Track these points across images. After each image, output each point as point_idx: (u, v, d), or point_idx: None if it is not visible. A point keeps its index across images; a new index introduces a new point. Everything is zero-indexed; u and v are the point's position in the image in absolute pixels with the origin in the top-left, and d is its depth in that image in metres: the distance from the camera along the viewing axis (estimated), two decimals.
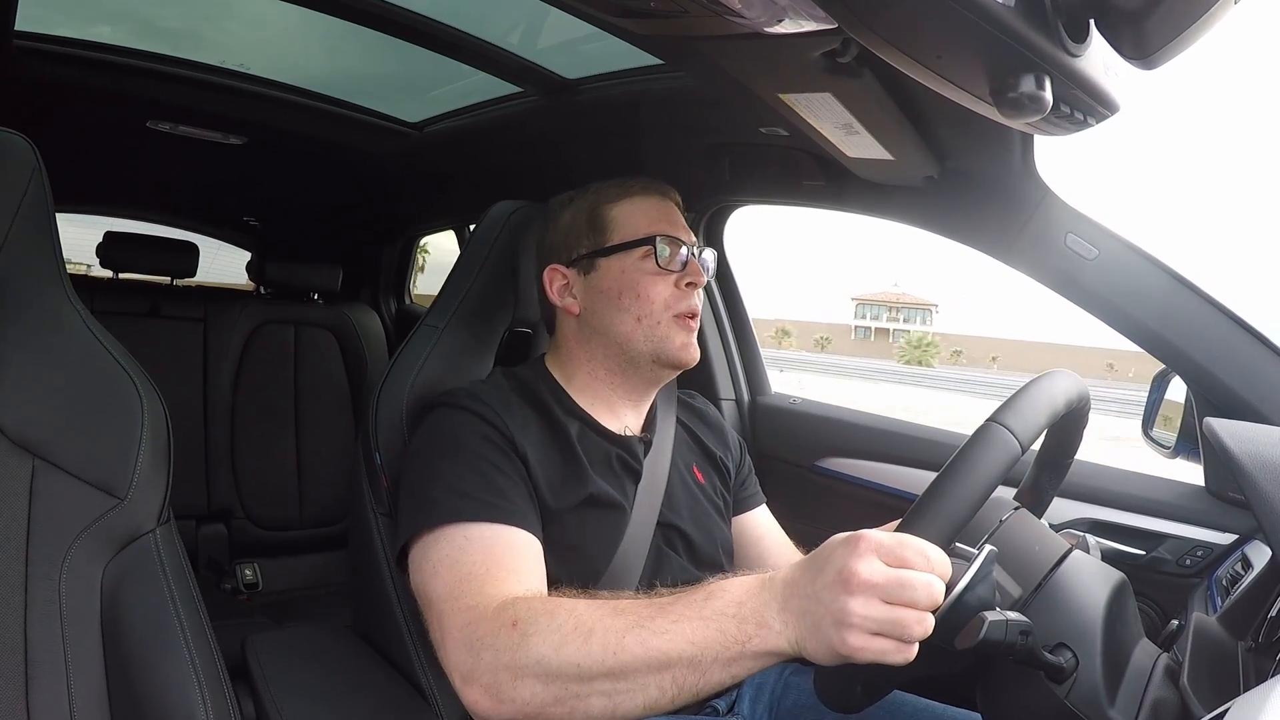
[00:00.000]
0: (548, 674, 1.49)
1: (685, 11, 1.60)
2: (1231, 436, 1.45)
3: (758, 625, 1.40)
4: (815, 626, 1.34)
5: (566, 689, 1.49)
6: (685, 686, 1.44)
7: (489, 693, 1.55)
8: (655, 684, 1.45)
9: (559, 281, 2.20)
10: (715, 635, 1.42)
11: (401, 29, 2.79)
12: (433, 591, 1.75)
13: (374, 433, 2.15)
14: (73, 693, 1.58)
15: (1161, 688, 1.43)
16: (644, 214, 2.16)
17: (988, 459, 1.42)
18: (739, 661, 1.41)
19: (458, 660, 1.61)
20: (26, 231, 1.71)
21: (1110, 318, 2.31)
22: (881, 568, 1.29)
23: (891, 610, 1.27)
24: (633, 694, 1.46)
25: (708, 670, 1.42)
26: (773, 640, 1.39)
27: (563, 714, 1.50)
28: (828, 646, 1.32)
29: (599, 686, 1.47)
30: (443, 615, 1.69)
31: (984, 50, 1.28)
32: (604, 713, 1.48)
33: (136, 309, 4.58)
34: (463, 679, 1.59)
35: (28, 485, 1.60)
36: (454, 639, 1.64)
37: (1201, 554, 2.28)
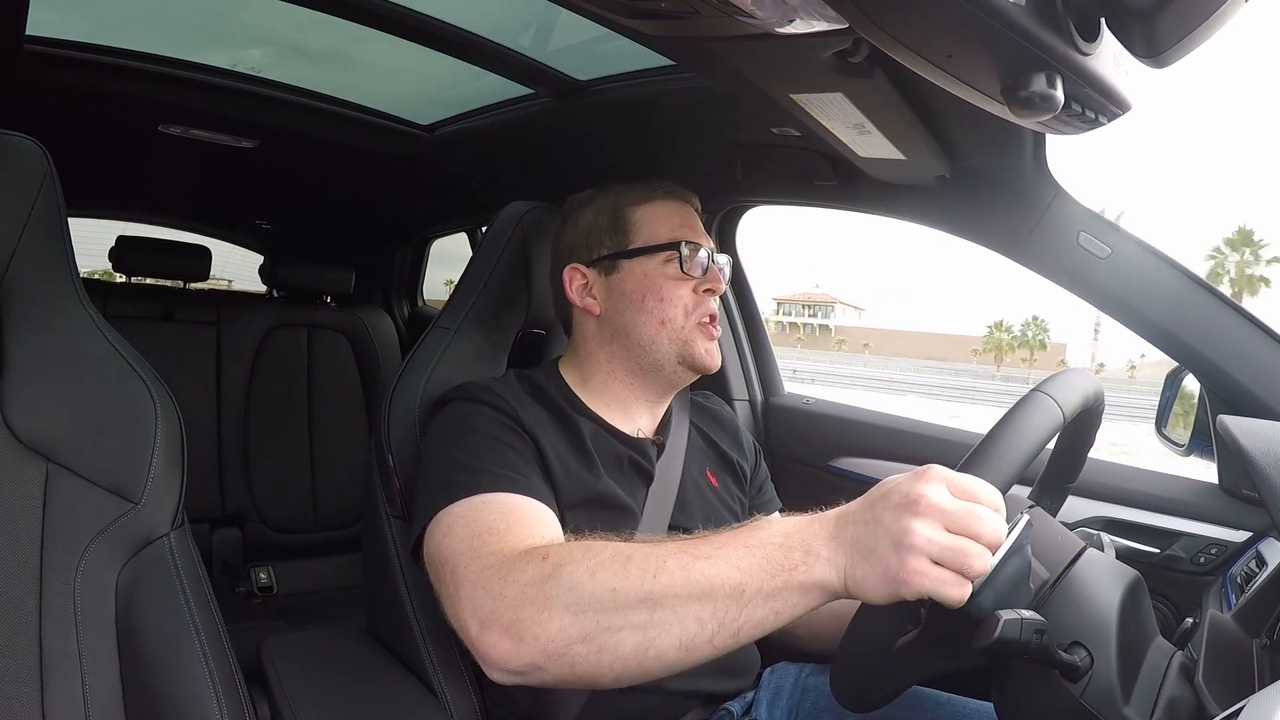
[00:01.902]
0: (579, 603, 1.42)
1: (696, 12, 1.59)
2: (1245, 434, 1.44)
3: (804, 553, 1.35)
4: (870, 551, 1.30)
5: (598, 621, 1.40)
6: (726, 621, 1.36)
7: (510, 631, 1.46)
8: (694, 615, 1.37)
9: (579, 281, 2.20)
10: (760, 562, 1.37)
11: (412, 31, 2.79)
12: (448, 548, 1.70)
13: (387, 435, 2.15)
14: (88, 696, 1.58)
15: (1176, 686, 1.43)
16: (667, 219, 2.18)
17: (1037, 419, 1.48)
18: (783, 594, 1.35)
19: (476, 604, 1.53)
20: (39, 236, 1.72)
21: (1123, 316, 2.31)
22: (948, 494, 1.28)
23: (955, 539, 1.26)
24: (669, 626, 1.38)
25: (750, 602, 1.35)
26: (819, 570, 1.33)
27: (589, 654, 1.41)
28: (883, 572, 1.28)
29: (633, 617, 1.39)
30: (459, 566, 1.63)
31: (995, 49, 1.28)
32: (635, 650, 1.39)
33: (149, 313, 4.59)
34: (480, 624, 1.50)
35: (42, 490, 1.61)
36: (472, 584, 1.57)
37: (1215, 551, 2.28)
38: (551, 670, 1.44)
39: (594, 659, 1.40)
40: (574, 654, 1.41)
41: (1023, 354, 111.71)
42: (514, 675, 1.47)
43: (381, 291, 5.80)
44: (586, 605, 1.41)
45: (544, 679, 1.46)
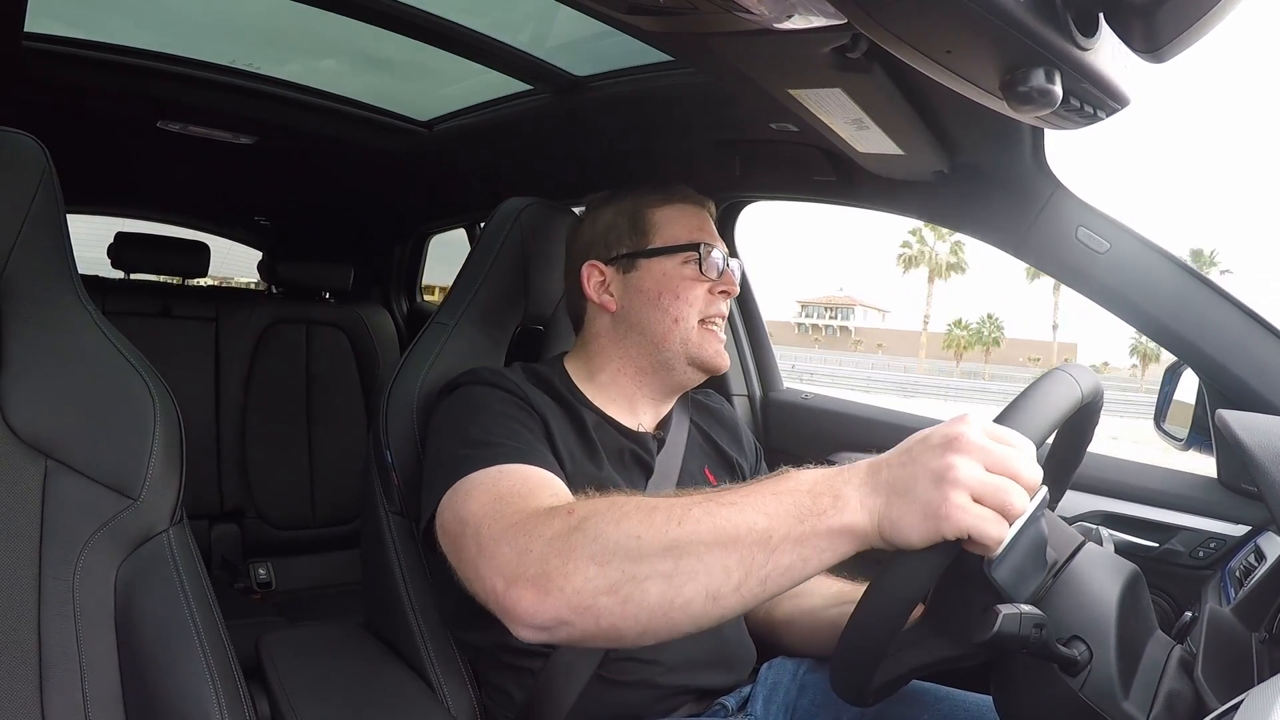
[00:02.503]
0: (604, 553, 1.41)
1: (695, 8, 1.59)
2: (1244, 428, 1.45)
3: (834, 498, 1.33)
4: (909, 489, 1.29)
5: (623, 571, 1.38)
6: (753, 568, 1.34)
7: (536, 585, 1.44)
8: (720, 563, 1.34)
9: (596, 278, 2.23)
10: (788, 508, 1.35)
11: (411, 28, 2.79)
12: (468, 512, 1.68)
13: (385, 431, 2.16)
14: (87, 692, 1.58)
15: (1175, 680, 1.43)
16: (685, 221, 2.22)
17: (1060, 389, 1.49)
18: (811, 540, 1.32)
19: (502, 561, 1.51)
20: (37, 233, 1.72)
21: (1121, 311, 2.31)
22: (987, 436, 1.29)
23: (995, 476, 1.26)
24: (694, 575, 1.35)
25: (778, 548, 1.33)
26: (850, 514, 1.32)
27: (615, 605, 1.39)
28: (923, 508, 1.27)
29: (659, 566, 1.37)
30: (482, 527, 1.62)
31: (994, 45, 1.28)
32: (660, 599, 1.37)
33: (148, 309, 4.61)
34: (506, 581, 1.48)
35: (40, 486, 1.61)
36: (496, 542, 1.55)
37: (1214, 546, 2.28)
38: (578, 625, 1.42)
39: (619, 610, 1.39)
40: (600, 606, 1.39)
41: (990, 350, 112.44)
42: (540, 631, 1.45)
43: (380, 288, 5.80)
44: (611, 554, 1.40)
45: (570, 634, 1.44)
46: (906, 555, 1.32)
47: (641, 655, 1.99)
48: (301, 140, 4.00)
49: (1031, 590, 1.42)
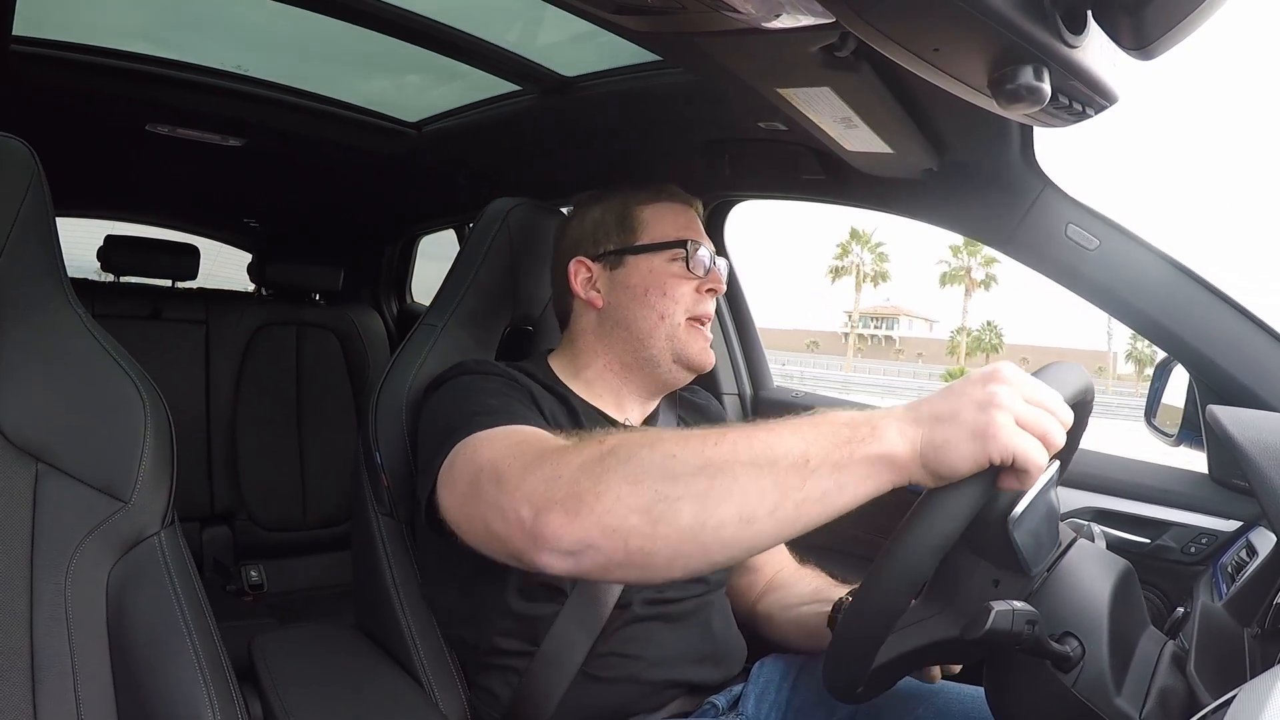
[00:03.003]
0: (637, 472, 1.39)
1: (683, 8, 1.60)
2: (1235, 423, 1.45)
3: (871, 429, 1.33)
4: (954, 415, 1.31)
5: (656, 490, 1.36)
6: (788, 491, 1.32)
7: (565, 507, 1.41)
8: (755, 485, 1.33)
9: (583, 274, 2.24)
10: (826, 435, 1.34)
11: (399, 29, 2.79)
12: (485, 457, 1.67)
13: (374, 432, 2.16)
14: (80, 696, 1.58)
15: (1168, 675, 1.44)
16: (673, 219, 2.24)
17: (1071, 371, 1.49)
18: (849, 467, 1.31)
19: (530, 490, 1.49)
20: (26, 236, 1.72)
21: (1112, 307, 2.32)
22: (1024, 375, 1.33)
23: (1034, 407, 1.30)
24: (729, 495, 1.33)
25: (814, 473, 1.31)
26: (889, 442, 1.32)
27: (646, 525, 1.36)
28: (969, 430, 1.29)
29: (693, 485, 1.35)
30: (503, 466, 1.60)
31: (981, 42, 1.28)
32: (693, 520, 1.34)
33: (138, 312, 4.60)
34: (535, 509, 1.45)
35: (31, 489, 1.61)
36: (523, 474, 1.53)
37: (1206, 541, 2.29)
38: (604, 549, 1.39)
39: (650, 531, 1.36)
40: (630, 527, 1.37)
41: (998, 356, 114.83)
42: (566, 556, 1.43)
43: (370, 289, 5.80)
44: (644, 473, 1.39)
45: (596, 561, 1.41)
46: (943, 491, 1.32)
47: (628, 650, 2.00)
48: (290, 142, 3.99)
49: (1044, 560, 1.44)
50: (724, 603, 2.27)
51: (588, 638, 1.96)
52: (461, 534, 1.72)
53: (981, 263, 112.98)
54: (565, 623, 1.95)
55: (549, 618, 1.96)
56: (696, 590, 2.14)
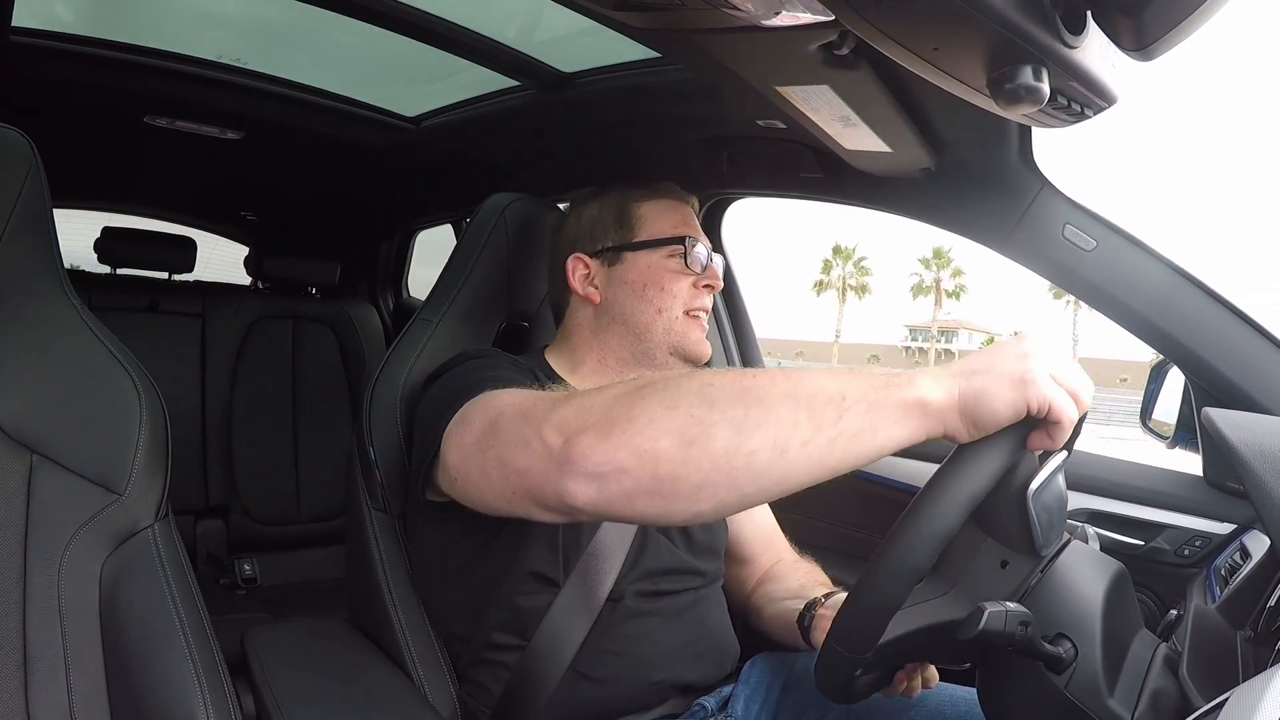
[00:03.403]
0: (674, 397, 1.40)
1: (682, 4, 1.59)
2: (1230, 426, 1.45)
3: (908, 379, 1.36)
4: (991, 366, 1.34)
5: (691, 414, 1.36)
6: (822, 426, 1.33)
7: (598, 430, 1.41)
8: (790, 415, 1.33)
9: (581, 270, 2.24)
10: (862, 379, 1.37)
11: (398, 23, 2.79)
12: (505, 403, 1.68)
13: (368, 428, 2.16)
14: (72, 688, 1.58)
15: (1161, 677, 1.44)
16: (671, 215, 2.24)
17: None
18: (883, 409, 1.34)
19: (561, 419, 1.48)
20: (24, 227, 1.72)
21: (1108, 309, 2.32)
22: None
23: (1067, 365, 1.35)
24: (763, 423, 1.33)
25: (849, 410, 1.33)
26: (924, 390, 1.35)
27: (678, 449, 1.35)
28: (1008, 376, 1.32)
29: (729, 411, 1.35)
30: (528, 406, 1.60)
31: (981, 42, 1.28)
32: (726, 445, 1.34)
33: (134, 304, 4.59)
34: (566, 435, 1.44)
35: (25, 481, 1.61)
36: (551, 407, 1.53)
37: (1200, 544, 2.29)
38: (633, 472, 1.38)
39: (682, 455, 1.35)
40: (662, 449, 1.36)
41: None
42: (592, 479, 1.41)
43: (367, 283, 5.80)
44: (680, 399, 1.39)
45: (621, 487, 1.40)
46: (977, 443, 1.35)
47: (619, 647, 2.00)
48: (289, 136, 3.99)
49: (1054, 543, 1.45)
50: (720, 598, 2.27)
51: (579, 631, 1.95)
52: (464, 488, 1.73)
53: (951, 274, 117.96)
54: (557, 615, 1.95)
55: (540, 610, 1.96)
56: (693, 583, 2.14)
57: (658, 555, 2.09)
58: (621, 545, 2.02)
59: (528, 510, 1.56)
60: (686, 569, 2.13)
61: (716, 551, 2.26)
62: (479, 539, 1.95)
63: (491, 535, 1.96)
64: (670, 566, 2.10)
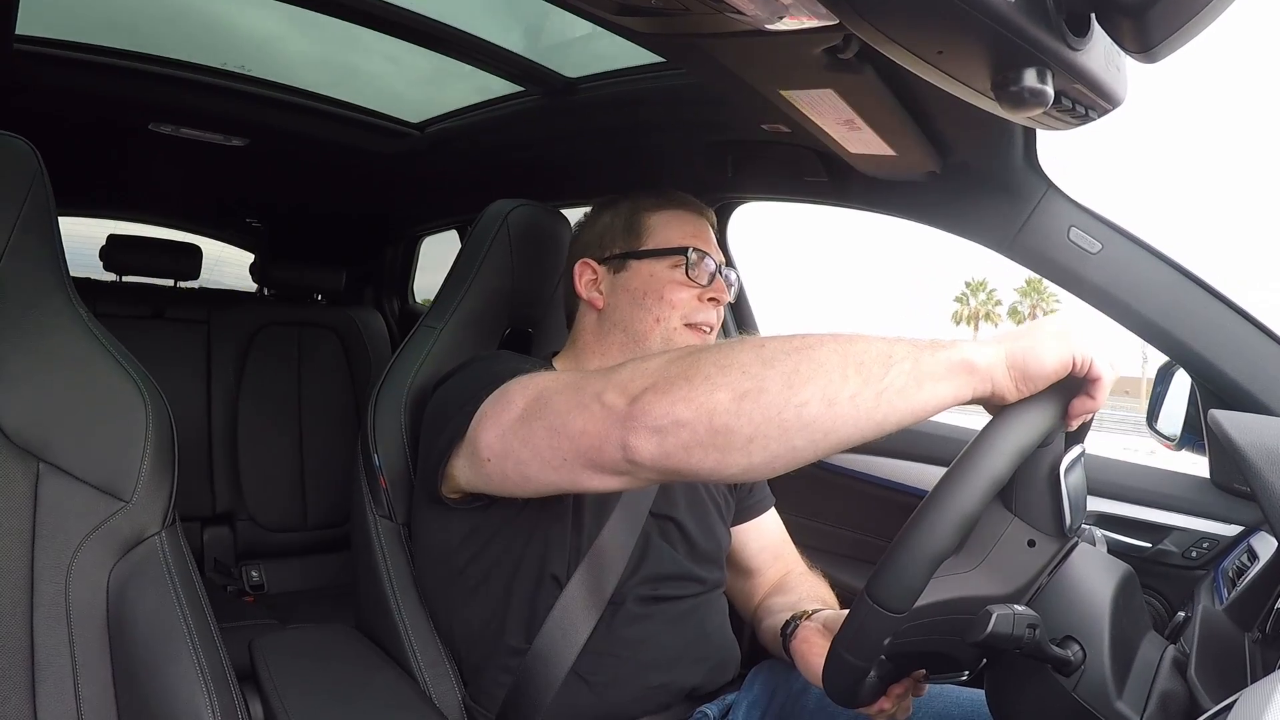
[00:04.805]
0: (727, 358, 1.43)
1: (686, 9, 1.59)
2: (1236, 428, 1.45)
3: (953, 344, 1.39)
4: (1034, 328, 1.39)
5: (745, 370, 1.40)
6: (870, 380, 1.36)
7: (658, 388, 1.45)
8: (839, 369, 1.36)
9: (588, 276, 2.24)
10: (908, 342, 1.40)
11: (403, 29, 2.79)
12: (547, 380, 1.72)
13: (372, 434, 2.17)
14: (80, 695, 1.59)
15: (1169, 679, 1.43)
16: (680, 226, 2.22)
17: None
18: (929, 366, 1.37)
19: (621, 380, 1.53)
20: (29, 235, 1.72)
21: (1114, 311, 2.31)
22: None
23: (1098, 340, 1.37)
24: (813, 375, 1.37)
25: (895, 365, 1.36)
26: (969, 352, 1.38)
27: (732, 402, 1.39)
28: (1054, 332, 1.36)
29: (780, 365, 1.39)
30: (575, 378, 1.64)
31: (985, 45, 1.27)
32: (777, 397, 1.37)
33: (140, 312, 4.58)
34: (629, 395, 1.48)
35: (32, 488, 1.61)
36: (607, 375, 1.57)
37: (1207, 546, 2.29)
38: (690, 425, 1.41)
39: (735, 408, 1.38)
40: (715, 402, 1.39)
41: None
42: (654, 433, 1.44)
43: (372, 289, 5.80)
44: (734, 358, 1.42)
45: (679, 440, 1.43)
46: (1024, 401, 1.37)
47: (621, 650, 2.01)
48: (293, 142, 4.00)
49: (1079, 523, 1.46)
50: (721, 605, 2.28)
51: (581, 634, 1.96)
52: (500, 465, 1.73)
53: (990, 302, 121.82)
54: (559, 618, 1.96)
55: (543, 612, 1.97)
56: (693, 590, 2.15)
57: (659, 560, 2.09)
58: (624, 549, 2.03)
59: (575, 477, 1.59)
60: (687, 575, 2.13)
61: (718, 561, 2.26)
62: (485, 536, 1.95)
63: (496, 532, 1.98)
64: (671, 572, 2.10)
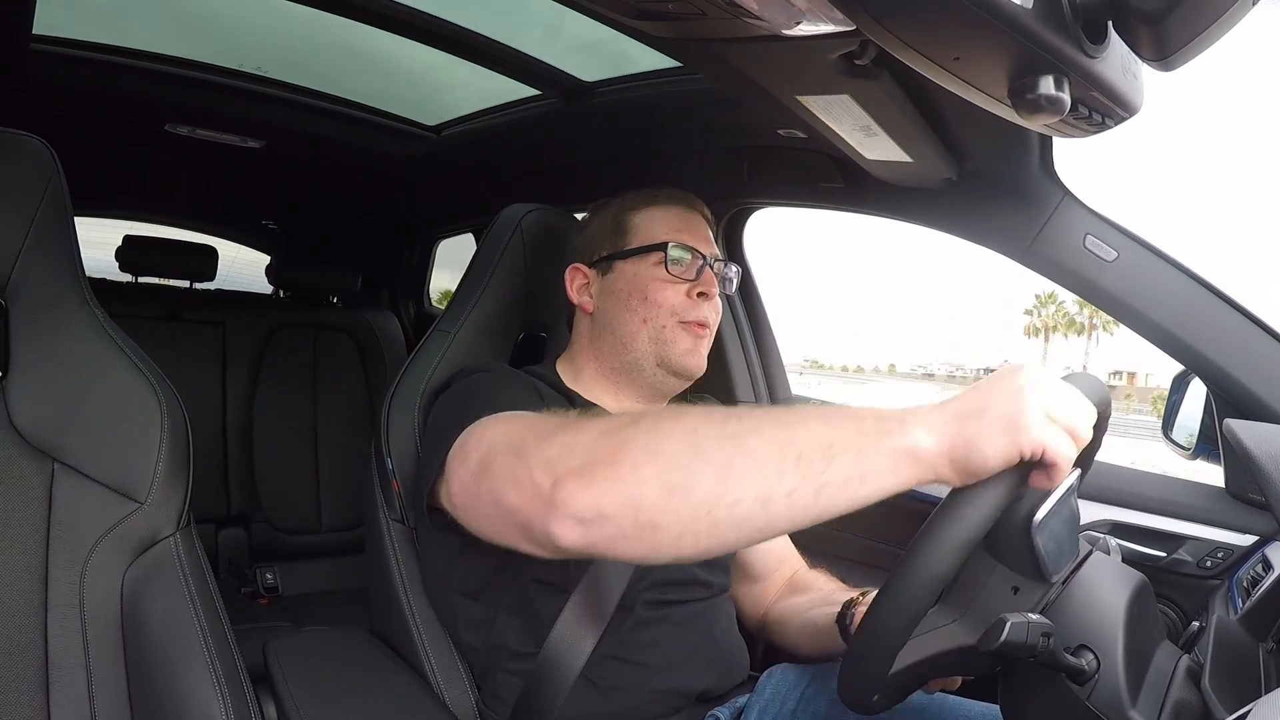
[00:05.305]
0: (658, 441, 1.38)
1: (703, 14, 1.59)
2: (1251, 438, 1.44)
3: (899, 423, 1.30)
4: (984, 409, 1.28)
5: (674, 460, 1.34)
6: (809, 475, 1.28)
7: (582, 474, 1.39)
8: (776, 464, 1.29)
9: (579, 280, 2.24)
10: (851, 424, 1.32)
11: (419, 32, 2.79)
12: (499, 434, 1.66)
13: (385, 438, 2.17)
14: (94, 695, 1.59)
15: (1183, 689, 1.43)
16: (664, 222, 2.20)
17: (1086, 383, 1.45)
18: (872, 456, 1.28)
19: (547, 457, 1.47)
20: (45, 235, 1.73)
21: (1129, 319, 2.31)
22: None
23: (1063, 402, 1.28)
24: (747, 472, 1.30)
25: (837, 458, 1.28)
26: (916, 436, 1.28)
27: (660, 496, 1.33)
28: (1000, 421, 1.26)
29: (712, 457, 1.32)
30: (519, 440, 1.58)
31: (1002, 52, 1.27)
32: (708, 494, 1.31)
33: (155, 313, 4.58)
34: (554, 476, 1.42)
35: (47, 489, 1.62)
36: (540, 443, 1.51)
37: (1222, 555, 2.28)
38: (615, 519, 1.36)
39: (663, 503, 1.33)
40: (644, 496, 1.34)
41: None
42: (578, 524, 1.39)
43: (388, 292, 5.80)
44: (665, 442, 1.37)
45: (605, 532, 1.38)
46: (970, 488, 1.30)
47: (630, 655, 2.01)
48: (310, 144, 4.00)
49: (1064, 568, 1.44)
50: (727, 609, 2.28)
51: (590, 638, 1.95)
52: (465, 517, 1.72)
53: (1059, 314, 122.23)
54: (568, 622, 1.95)
55: (551, 617, 1.96)
56: (700, 594, 2.15)
57: (666, 566, 2.06)
58: None
59: (521, 545, 1.55)
60: (694, 580, 2.13)
61: (724, 566, 2.26)
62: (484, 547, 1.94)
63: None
64: (679, 577, 2.10)
